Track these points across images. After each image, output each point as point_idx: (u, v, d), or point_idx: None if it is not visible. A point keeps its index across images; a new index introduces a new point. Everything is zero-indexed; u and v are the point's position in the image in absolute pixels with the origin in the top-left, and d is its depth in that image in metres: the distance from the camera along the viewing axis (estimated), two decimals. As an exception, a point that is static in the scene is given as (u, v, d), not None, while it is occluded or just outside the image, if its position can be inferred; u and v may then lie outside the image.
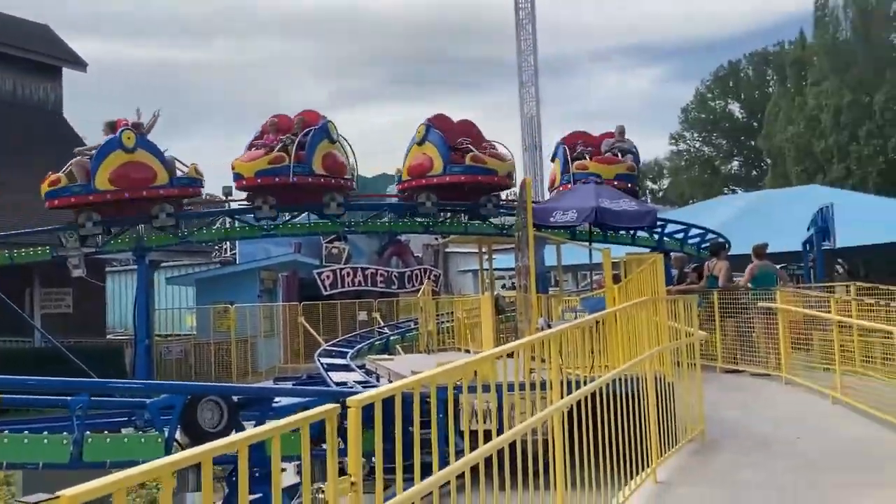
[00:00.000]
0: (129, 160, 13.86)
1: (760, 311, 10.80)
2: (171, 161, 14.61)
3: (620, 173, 14.91)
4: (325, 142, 14.44)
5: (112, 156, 13.80)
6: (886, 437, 6.78)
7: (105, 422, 7.76)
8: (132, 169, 13.88)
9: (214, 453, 2.24)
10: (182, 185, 14.59)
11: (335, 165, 14.55)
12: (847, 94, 35.32)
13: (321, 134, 14.45)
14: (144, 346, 15.49)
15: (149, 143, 14.22)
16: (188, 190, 14.84)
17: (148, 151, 14.09)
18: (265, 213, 14.88)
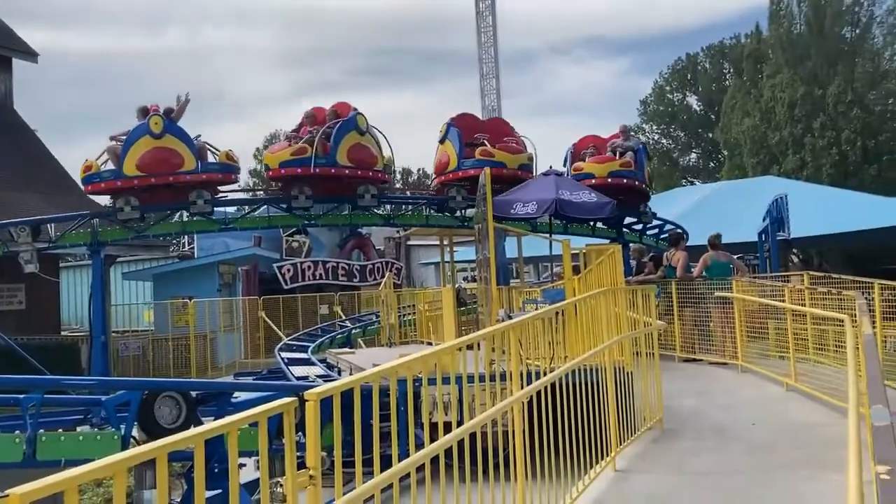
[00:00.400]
0: (157, 146, 13.79)
1: (717, 300, 10.99)
2: (202, 147, 14.44)
3: (613, 171, 15.00)
4: (353, 133, 14.39)
5: (140, 141, 13.79)
6: (837, 421, 6.94)
7: (60, 420, 7.61)
8: (159, 154, 13.81)
9: (170, 449, 2.21)
10: (211, 170, 14.39)
11: (363, 157, 14.46)
12: (801, 86, 35.97)
13: (348, 125, 14.44)
14: (100, 343, 15.21)
15: (177, 129, 14.05)
16: (217, 176, 14.64)
17: (176, 137, 13.94)
18: (301, 203, 14.81)
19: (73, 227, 16.02)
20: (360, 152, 14.38)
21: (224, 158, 14.54)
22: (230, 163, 14.74)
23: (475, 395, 4.30)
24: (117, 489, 2.03)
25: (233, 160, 14.81)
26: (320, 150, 14.06)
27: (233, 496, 2.56)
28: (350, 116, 14.51)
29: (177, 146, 13.92)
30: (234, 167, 14.88)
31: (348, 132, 14.32)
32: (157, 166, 13.83)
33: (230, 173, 14.83)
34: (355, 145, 14.29)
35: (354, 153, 14.29)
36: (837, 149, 34.94)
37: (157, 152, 13.80)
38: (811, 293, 9.83)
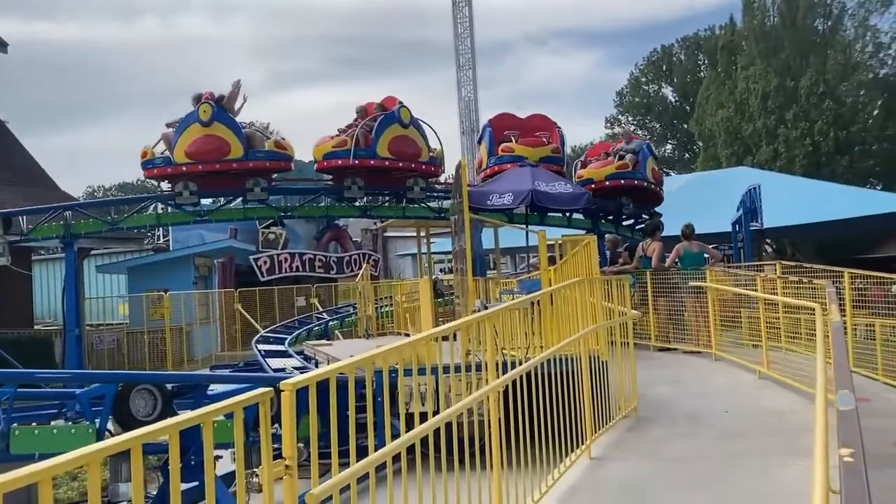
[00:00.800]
0: (206, 133, 14.01)
1: (690, 290, 11.10)
2: (252, 134, 14.59)
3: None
4: (395, 126, 14.64)
5: (190, 129, 14.06)
6: (807, 407, 7.05)
7: (35, 414, 7.53)
8: (207, 142, 14.03)
9: (144, 440, 2.21)
10: (257, 158, 14.44)
11: (405, 149, 14.66)
12: (774, 78, 36.27)
13: (390, 118, 14.70)
14: (74, 336, 15.09)
15: (226, 117, 14.21)
16: (265, 164, 14.67)
17: (224, 125, 14.12)
18: (353, 193, 15.19)
19: (45, 219, 15.86)
20: (401, 144, 14.65)
21: (272, 146, 14.64)
22: (278, 150, 14.79)
23: (451, 386, 4.32)
24: (91, 480, 2.03)
25: (283, 148, 14.84)
26: (362, 142, 14.35)
27: (208, 488, 2.57)
28: (393, 110, 14.77)
29: (224, 134, 14.15)
30: (282, 155, 14.89)
31: (390, 125, 14.61)
32: (204, 153, 14.07)
33: (279, 161, 14.86)
34: (397, 137, 14.58)
35: (396, 145, 14.56)
36: (810, 140, 35.30)
37: (206, 140, 14.07)
38: (783, 282, 9.96)
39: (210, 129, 14.08)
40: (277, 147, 14.75)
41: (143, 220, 18.18)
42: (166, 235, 28.39)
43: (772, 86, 36.22)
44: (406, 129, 14.75)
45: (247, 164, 14.23)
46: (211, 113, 14.02)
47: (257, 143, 14.54)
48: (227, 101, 14.44)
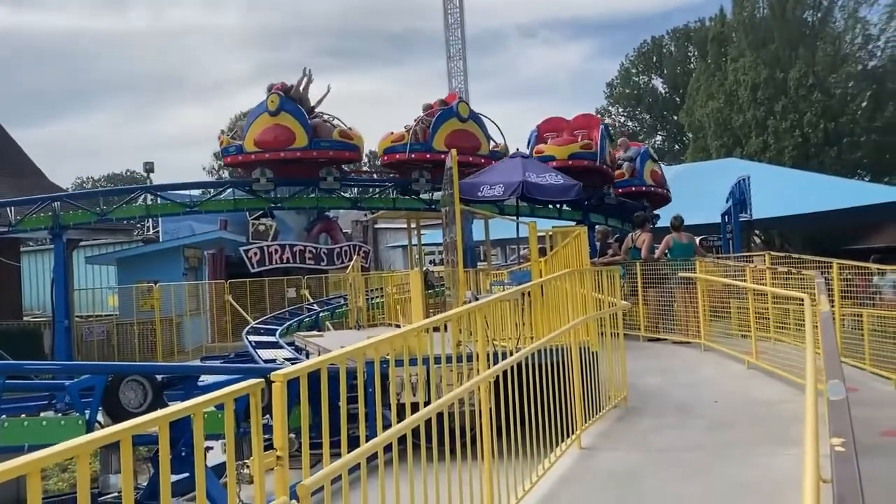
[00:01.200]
0: (273, 123, 14.48)
1: (680, 281, 11.13)
2: (319, 124, 14.81)
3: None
4: (453, 120, 14.93)
5: (259, 118, 14.64)
6: (796, 397, 7.10)
7: (24, 406, 7.50)
8: (274, 131, 14.51)
9: (134, 431, 2.20)
10: (321, 147, 14.62)
11: (461, 142, 14.78)
12: (763, 70, 36.33)
13: (448, 113, 15.01)
14: (63, 328, 15.04)
15: (292, 107, 14.54)
16: (328, 153, 14.81)
17: (290, 114, 14.51)
18: (420, 187, 15.62)
19: (33, 210, 15.77)
20: (459, 138, 14.87)
21: (337, 136, 14.72)
22: (344, 140, 14.89)
23: (442, 376, 4.33)
24: (81, 472, 2.02)
25: (349, 137, 14.92)
26: (420, 136, 14.75)
27: (199, 478, 2.56)
28: (451, 105, 15.12)
29: (290, 123, 14.58)
30: (348, 144, 15.00)
31: (448, 119, 14.94)
32: (271, 142, 14.55)
33: (344, 150, 14.99)
34: (455, 131, 14.87)
35: (452, 139, 14.78)
36: (799, 131, 35.41)
37: (273, 129, 14.56)
38: (772, 273, 10.00)
39: (277, 119, 14.55)
40: (343, 137, 15.02)
41: (133, 212, 18.15)
42: (156, 227, 28.26)
43: (761, 77, 36.29)
44: (464, 123, 15.02)
45: (311, 153, 14.62)
46: (278, 103, 14.48)
47: (323, 132, 14.83)
48: (295, 91, 14.78)
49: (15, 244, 21.03)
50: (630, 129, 57.79)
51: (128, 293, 22.75)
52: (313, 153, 14.69)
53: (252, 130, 14.71)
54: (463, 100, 15.45)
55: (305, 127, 14.58)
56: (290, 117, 14.62)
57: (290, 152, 14.70)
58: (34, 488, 1.87)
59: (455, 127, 14.97)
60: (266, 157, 14.75)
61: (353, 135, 15.29)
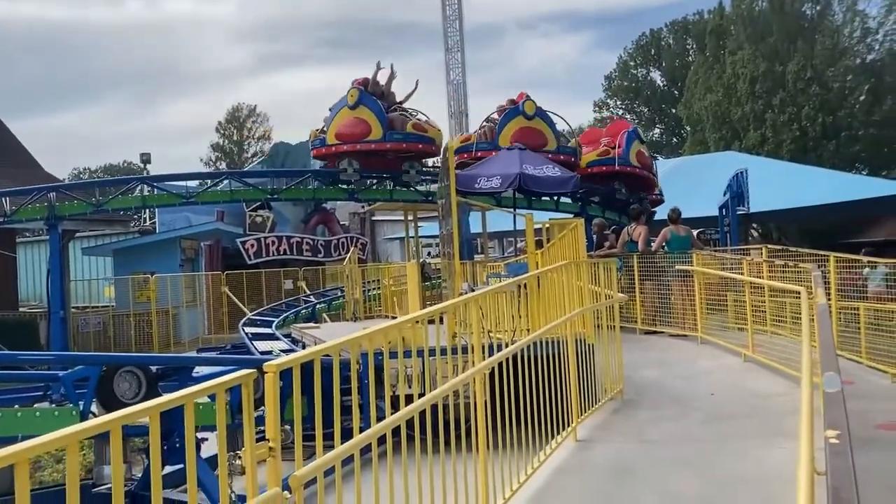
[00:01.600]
0: (352, 116, 14.93)
1: (677, 274, 11.13)
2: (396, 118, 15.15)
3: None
4: (518, 118, 15.15)
5: (341, 112, 15.09)
6: (792, 390, 7.10)
7: (20, 396, 7.48)
8: (352, 124, 14.97)
9: (124, 422, 2.18)
10: (395, 140, 15.01)
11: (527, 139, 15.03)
12: (762, 63, 36.28)
13: (514, 112, 15.26)
14: (59, 319, 15.02)
15: (371, 101, 14.99)
16: (401, 145, 15.18)
17: (368, 108, 14.96)
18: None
19: (28, 200, 15.73)
20: (525, 135, 15.04)
21: (410, 128, 14.89)
22: (418, 133, 15.04)
23: (437, 368, 4.31)
24: (70, 463, 2.00)
25: (423, 130, 15.02)
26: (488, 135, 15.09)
27: (190, 468, 2.54)
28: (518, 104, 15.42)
29: (367, 116, 14.99)
30: (422, 137, 15.16)
31: (514, 118, 15.17)
32: (349, 135, 15.02)
33: (418, 143, 15.12)
34: (521, 129, 15.04)
35: (518, 136, 14.96)
36: (797, 125, 35.38)
37: (351, 122, 15.01)
38: (769, 266, 10.00)
39: (356, 112, 14.98)
40: (416, 129, 15.22)
41: (129, 202, 18.10)
42: (152, 218, 28.20)
43: (760, 70, 36.24)
44: (530, 120, 15.21)
45: (385, 145, 14.88)
46: (357, 97, 14.95)
47: (398, 125, 15.10)
48: (374, 85, 15.23)
49: (11, 235, 20.99)
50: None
51: (124, 284, 22.73)
52: (387, 145, 15.06)
53: (334, 123, 15.29)
54: (530, 98, 15.63)
55: (381, 120, 15.00)
56: (367, 110, 15.07)
57: (365, 144, 15.15)
58: (22, 478, 1.85)
59: (521, 125, 15.20)
60: (345, 149, 15.29)
61: (427, 127, 15.60)
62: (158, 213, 26.38)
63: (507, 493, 4.67)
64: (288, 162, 26.84)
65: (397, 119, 15.18)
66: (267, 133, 68.04)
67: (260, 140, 67.73)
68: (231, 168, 55.36)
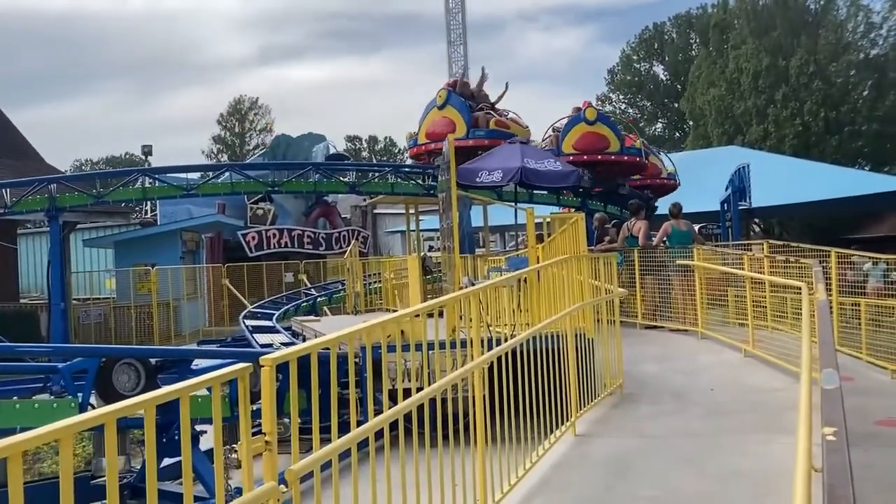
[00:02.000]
0: (440, 115, 15.79)
1: (678, 269, 11.11)
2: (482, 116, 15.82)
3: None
4: (580, 125, 15.91)
5: (430, 112, 15.86)
6: (792, 386, 7.08)
7: (20, 388, 7.48)
8: (439, 123, 15.69)
9: (119, 415, 2.17)
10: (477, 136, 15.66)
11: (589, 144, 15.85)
12: (765, 57, 36.18)
13: (576, 119, 16.06)
14: (60, 310, 15.02)
15: (457, 100, 15.76)
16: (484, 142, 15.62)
17: (454, 107, 15.74)
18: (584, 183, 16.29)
19: (29, 192, 15.72)
20: (587, 140, 15.87)
21: (494, 125, 15.68)
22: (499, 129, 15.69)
23: (436, 362, 4.31)
24: (64, 454, 1.99)
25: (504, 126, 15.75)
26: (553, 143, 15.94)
27: (185, 462, 2.54)
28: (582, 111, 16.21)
29: (453, 115, 15.73)
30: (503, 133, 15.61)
31: (576, 125, 15.96)
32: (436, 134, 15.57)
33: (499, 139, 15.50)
34: (582, 135, 15.85)
35: (581, 142, 15.81)
36: (800, 120, 35.29)
37: (439, 121, 15.78)
38: (770, 261, 9.98)
39: (443, 112, 15.72)
40: (498, 126, 15.68)
41: (130, 194, 18.08)
42: (153, 210, 28.20)
43: (763, 65, 36.14)
44: (592, 125, 15.90)
45: (467, 142, 15.32)
46: (445, 97, 15.75)
47: (481, 122, 15.68)
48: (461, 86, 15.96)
49: (12, 226, 20.99)
50: (631, 116, 57.67)
51: (125, 276, 22.73)
52: (469, 141, 15.50)
53: (424, 123, 16.05)
54: (591, 105, 16.51)
55: (466, 118, 15.71)
56: (453, 110, 15.77)
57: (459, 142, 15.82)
58: (14, 472, 1.84)
59: (583, 130, 15.84)
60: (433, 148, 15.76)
61: (509, 123, 16.03)
62: (159, 205, 26.37)
63: (506, 487, 4.67)
64: (289, 154, 26.83)
65: (482, 117, 15.76)
66: (269, 125, 68.12)
67: (262, 132, 67.81)
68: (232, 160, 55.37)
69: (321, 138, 28.13)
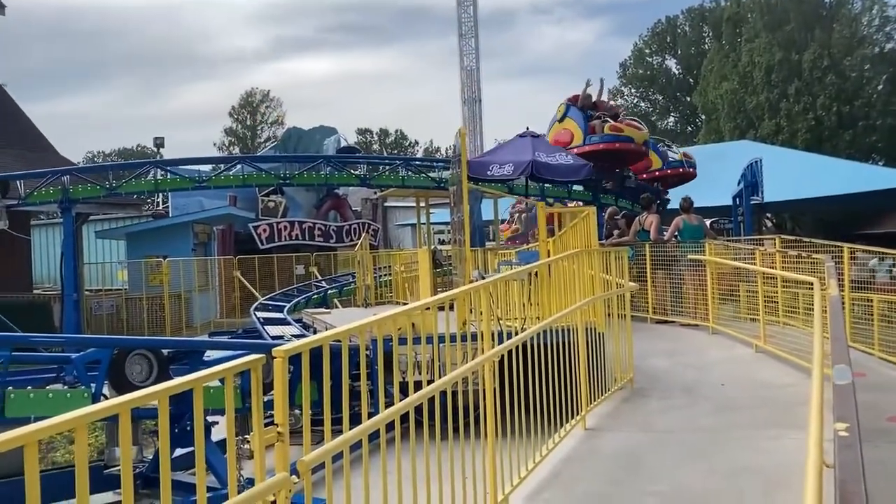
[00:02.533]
0: (560, 128, 16.41)
1: (689, 263, 11.08)
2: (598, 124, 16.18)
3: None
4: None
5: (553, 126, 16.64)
6: (803, 381, 7.06)
7: (34, 378, 7.54)
8: (561, 134, 16.31)
9: (133, 405, 2.20)
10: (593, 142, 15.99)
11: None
12: (778, 51, 35.94)
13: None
14: (72, 301, 15.12)
15: (575, 112, 16.41)
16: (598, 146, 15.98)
17: (572, 119, 16.37)
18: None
19: (42, 183, 15.82)
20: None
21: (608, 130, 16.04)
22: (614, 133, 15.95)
23: (446, 355, 4.32)
24: (78, 443, 2.02)
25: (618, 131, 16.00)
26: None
27: (198, 452, 2.56)
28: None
29: (571, 126, 16.36)
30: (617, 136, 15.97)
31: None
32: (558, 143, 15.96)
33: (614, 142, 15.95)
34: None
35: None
36: (813, 114, 35.06)
37: (560, 133, 16.30)
38: (782, 256, 9.94)
39: (563, 124, 16.48)
40: (613, 130, 16.03)
41: (142, 186, 18.19)
42: (165, 202, 28.32)
43: (776, 59, 35.91)
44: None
45: (584, 149, 15.76)
46: (563, 110, 16.58)
47: (597, 129, 16.12)
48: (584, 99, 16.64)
49: (25, 217, 21.11)
50: (642, 110, 57.41)
51: (137, 268, 22.85)
52: (585, 148, 15.95)
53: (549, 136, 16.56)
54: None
55: (583, 127, 16.30)
56: (571, 121, 16.48)
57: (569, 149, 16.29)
58: (31, 459, 1.87)
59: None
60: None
61: (623, 127, 16.35)
62: (171, 198, 26.48)
63: (516, 480, 4.68)
64: (300, 147, 26.87)
65: (598, 125, 16.25)
66: (280, 118, 68.27)
67: (273, 125, 67.96)
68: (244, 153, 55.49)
69: (332, 131, 28.15)
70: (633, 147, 16.05)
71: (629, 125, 16.46)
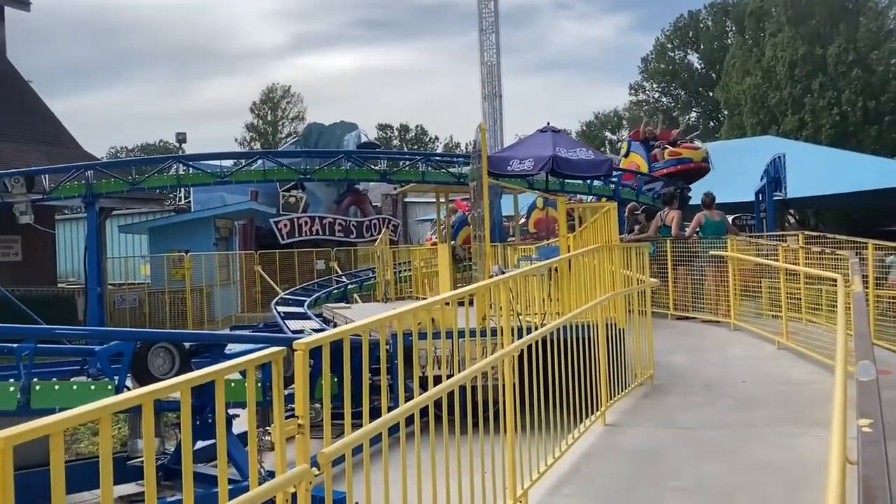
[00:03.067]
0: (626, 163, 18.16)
1: (710, 259, 11.00)
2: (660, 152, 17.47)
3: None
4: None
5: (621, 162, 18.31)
6: (826, 378, 7.00)
7: (58, 370, 7.63)
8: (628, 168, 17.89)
9: (156, 396, 2.22)
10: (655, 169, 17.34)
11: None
12: (802, 46, 35.52)
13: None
14: (96, 295, 15.28)
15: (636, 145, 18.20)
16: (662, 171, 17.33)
17: (635, 152, 18.21)
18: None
19: (67, 178, 15.99)
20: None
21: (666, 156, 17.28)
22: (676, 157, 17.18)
23: (466, 349, 4.32)
24: (102, 434, 2.04)
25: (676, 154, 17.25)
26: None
27: (220, 444, 2.58)
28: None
29: (637, 159, 18.08)
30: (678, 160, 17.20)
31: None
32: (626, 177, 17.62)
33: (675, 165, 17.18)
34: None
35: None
36: (837, 109, 34.63)
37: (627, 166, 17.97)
38: (805, 253, 9.84)
39: (629, 159, 18.18)
40: (671, 155, 17.38)
41: (164, 181, 18.31)
42: (187, 197, 28.52)
43: (799, 54, 35.49)
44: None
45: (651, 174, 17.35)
46: (626, 147, 18.36)
47: (658, 157, 17.53)
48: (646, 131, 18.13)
49: (50, 212, 21.36)
50: (664, 105, 56.99)
51: (159, 262, 23.05)
52: (653, 173, 17.37)
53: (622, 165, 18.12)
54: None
55: (645, 157, 17.74)
56: (635, 154, 18.03)
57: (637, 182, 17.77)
58: (56, 448, 1.89)
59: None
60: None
61: (681, 151, 17.48)
62: (193, 192, 26.66)
63: (535, 475, 4.68)
64: (321, 142, 26.94)
65: (658, 153, 17.62)
66: (301, 113, 68.51)
67: (294, 120, 68.20)
68: (265, 148, 55.75)
69: (353, 126, 28.21)
70: (693, 165, 17.22)
71: (686, 147, 17.68)
